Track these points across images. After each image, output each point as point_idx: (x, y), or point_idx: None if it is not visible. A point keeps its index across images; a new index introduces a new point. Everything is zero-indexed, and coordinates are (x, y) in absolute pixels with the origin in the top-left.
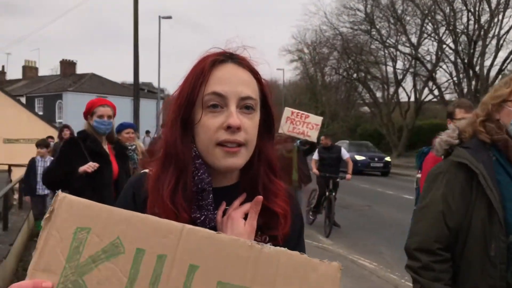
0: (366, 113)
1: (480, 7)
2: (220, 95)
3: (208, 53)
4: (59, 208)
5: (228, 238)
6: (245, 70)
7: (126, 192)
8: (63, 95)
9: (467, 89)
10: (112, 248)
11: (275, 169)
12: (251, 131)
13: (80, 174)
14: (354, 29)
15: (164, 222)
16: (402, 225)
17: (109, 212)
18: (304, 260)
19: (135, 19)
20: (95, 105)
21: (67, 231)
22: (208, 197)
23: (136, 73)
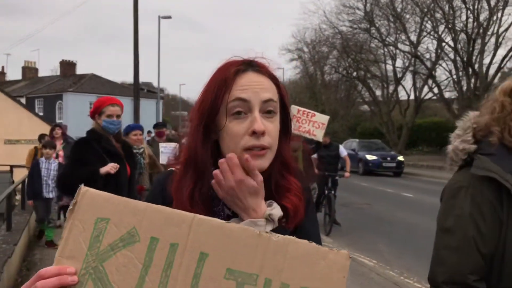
0: (366, 111)
1: (479, 5)
2: (244, 100)
3: (229, 62)
4: (81, 201)
5: (238, 227)
6: (265, 77)
7: (155, 187)
8: (63, 95)
9: (466, 87)
10: (129, 237)
11: (289, 166)
12: (274, 134)
13: (101, 175)
14: (354, 27)
15: (176, 212)
16: (401, 223)
17: (126, 203)
18: (312, 248)
19: (135, 19)
20: (104, 104)
21: (89, 222)
22: (219, 203)
23: (136, 73)
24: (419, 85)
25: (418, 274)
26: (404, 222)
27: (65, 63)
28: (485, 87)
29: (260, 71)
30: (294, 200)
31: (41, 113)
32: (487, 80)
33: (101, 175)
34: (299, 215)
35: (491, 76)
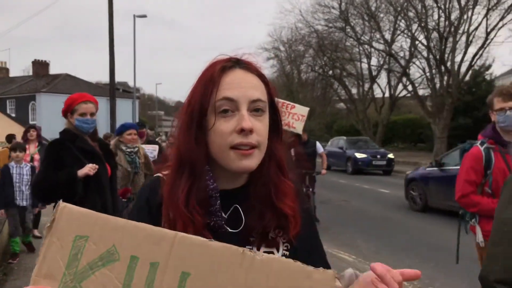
0: (342, 109)
1: (450, 5)
2: (231, 99)
3: (216, 60)
4: (59, 217)
5: (221, 245)
6: (253, 75)
7: (140, 197)
8: (37, 96)
9: (439, 84)
10: (108, 255)
11: (284, 168)
12: (263, 133)
13: (80, 178)
14: (329, 26)
15: (157, 229)
16: (378, 218)
17: (105, 220)
18: (297, 268)
19: (110, 18)
20: (76, 101)
21: (67, 239)
22: (215, 203)
23: (112, 73)
24: (394, 83)
25: (397, 268)
26: (381, 218)
27: (37, 63)
28: (457, 84)
29: (248, 69)
30: (292, 205)
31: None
32: (459, 78)
33: (80, 177)
34: (298, 222)
35: (462, 74)
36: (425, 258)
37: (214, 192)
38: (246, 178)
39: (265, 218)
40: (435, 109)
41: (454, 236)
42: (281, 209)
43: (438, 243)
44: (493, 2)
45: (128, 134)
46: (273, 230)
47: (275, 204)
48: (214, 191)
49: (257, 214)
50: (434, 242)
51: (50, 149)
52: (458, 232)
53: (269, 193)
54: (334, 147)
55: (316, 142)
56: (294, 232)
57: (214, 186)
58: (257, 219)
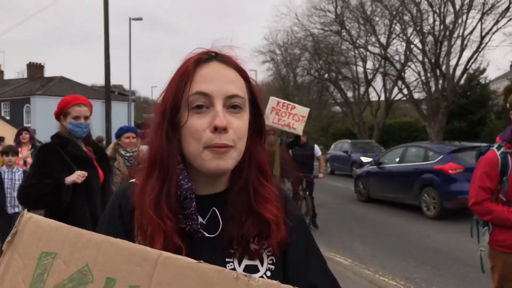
0: (338, 112)
1: (445, 9)
2: (205, 94)
3: (191, 53)
4: (23, 230)
5: (211, 268)
6: (230, 68)
7: (112, 203)
8: (31, 99)
9: (434, 88)
10: (80, 276)
11: (266, 172)
12: (240, 132)
13: (68, 185)
14: (325, 30)
15: (138, 248)
16: (374, 222)
17: (78, 235)
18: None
19: (105, 21)
20: (69, 104)
21: (31, 256)
22: (190, 205)
23: (108, 76)
24: (389, 86)
25: (393, 271)
26: (377, 221)
27: (32, 66)
28: (452, 88)
29: (225, 62)
30: (274, 211)
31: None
32: (454, 81)
33: (67, 185)
34: (281, 229)
35: (457, 77)
36: (421, 261)
37: (189, 193)
38: (227, 183)
39: (244, 225)
40: (430, 112)
41: (451, 240)
42: (261, 214)
43: (435, 247)
44: (487, 6)
45: (126, 137)
46: (254, 239)
47: (255, 209)
48: (188, 192)
49: (236, 221)
50: (430, 245)
51: (39, 154)
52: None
53: (249, 198)
54: (338, 151)
55: (314, 144)
56: (277, 240)
57: (189, 186)
58: (236, 226)
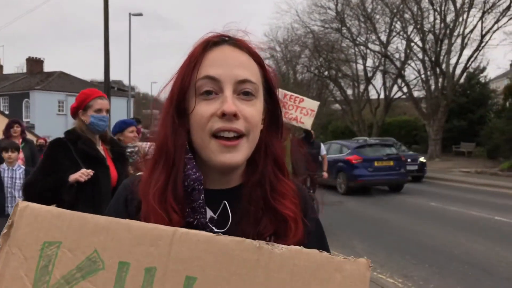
0: (337, 110)
1: (445, 7)
2: (213, 79)
3: (203, 36)
4: (19, 221)
5: (231, 239)
6: (243, 52)
7: (118, 196)
8: (30, 93)
9: (434, 86)
10: (89, 264)
11: (283, 166)
12: (252, 120)
13: (71, 184)
14: (325, 27)
15: (151, 227)
16: (373, 219)
17: (83, 220)
18: (324, 260)
19: (105, 16)
20: (91, 97)
21: (32, 248)
22: (199, 197)
23: (107, 72)
24: (389, 84)
25: (391, 269)
26: (376, 218)
27: (32, 60)
28: (452, 86)
29: (237, 45)
30: (292, 208)
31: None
32: (454, 80)
33: (71, 183)
34: (299, 227)
35: (457, 76)
36: (420, 260)
37: (197, 184)
38: (241, 178)
39: (260, 223)
40: (429, 110)
41: (450, 238)
42: (279, 211)
43: (433, 245)
44: (488, 5)
45: (130, 131)
46: (271, 238)
47: (272, 206)
48: (196, 182)
49: (252, 218)
50: (429, 243)
51: (49, 149)
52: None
53: (265, 193)
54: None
55: (320, 143)
56: (295, 239)
57: (197, 176)
58: (252, 223)
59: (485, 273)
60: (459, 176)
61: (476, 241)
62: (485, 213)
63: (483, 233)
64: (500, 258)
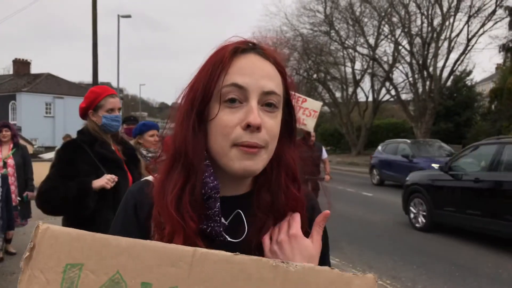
0: (326, 113)
1: (432, 11)
2: (240, 87)
3: (229, 41)
4: (41, 244)
5: (248, 259)
6: (269, 62)
7: (126, 203)
8: (17, 95)
9: (422, 89)
10: (112, 285)
11: (296, 177)
12: (273, 133)
13: (94, 190)
14: (314, 30)
15: (171, 247)
16: (361, 221)
17: (104, 242)
18: (336, 276)
19: (93, 18)
20: (102, 95)
21: (54, 270)
22: (214, 205)
23: (95, 73)
24: (377, 87)
25: (379, 270)
26: (364, 220)
27: (18, 62)
28: (439, 89)
29: (264, 55)
30: (302, 219)
31: None
32: (441, 83)
33: (95, 190)
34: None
35: (444, 79)
36: (407, 260)
37: (214, 192)
38: (250, 185)
39: (264, 227)
40: (417, 113)
41: (436, 239)
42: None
43: (421, 246)
44: (474, 9)
45: (151, 135)
46: None
47: (285, 214)
48: (213, 191)
49: (259, 226)
50: (416, 244)
51: (63, 152)
52: None
53: (276, 202)
54: (391, 155)
55: (322, 145)
56: None
57: (215, 184)
58: (259, 232)
59: (472, 273)
60: None
61: (462, 241)
62: None
63: (469, 234)
64: (486, 259)
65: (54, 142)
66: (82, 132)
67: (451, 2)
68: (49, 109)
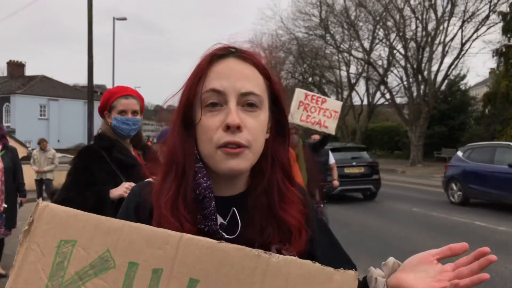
0: None
1: (427, 15)
2: (218, 91)
3: (209, 49)
4: (39, 219)
5: (232, 247)
6: (247, 65)
7: (128, 203)
8: (11, 97)
9: (416, 93)
10: (101, 262)
11: (290, 174)
12: (255, 132)
13: (112, 200)
14: (309, 34)
15: (160, 231)
16: (356, 225)
17: (97, 221)
18: (317, 270)
19: (89, 20)
20: (114, 96)
21: (49, 245)
22: (209, 204)
23: (91, 75)
24: (372, 91)
25: None
26: (358, 224)
27: (13, 64)
28: (433, 93)
29: (243, 58)
30: (298, 217)
31: None
32: (435, 87)
33: (112, 199)
34: (303, 236)
35: (438, 83)
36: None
37: (208, 192)
38: (246, 184)
39: (265, 231)
40: (412, 117)
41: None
42: (284, 220)
43: (416, 250)
44: (468, 14)
45: None
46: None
47: (278, 214)
48: (207, 191)
49: (257, 226)
50: (412, 248)
51: (79, 159)
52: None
53: (273, 201)
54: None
55: (328, 150)
56: (299, 249)
57: (208, 184)
58: (257, 232)
59: None
60: (441, 181)
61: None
62: (466, 218)
63: (464, 238)
64: None
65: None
66: (99, 137)
67: (445, 7)
68: (43, 112)
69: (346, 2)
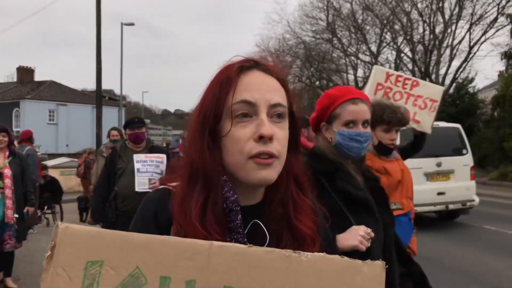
0: None
1: (434, 18)
2: (249, 103)
3: (231, 60)
4: (61, 242)
5: (262, 250)
6: (272, 77)
7: (145, 210)
8: (21, 103)
9: None
10: (132, 280)
11: (303, 184)
12: (283, 142)
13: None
14: (316, 38)
15: (188, 242)
16: None
17: (122, 239)
18: (346, 263)
19: (97, 25)
20: (339, 100)
21: (76, 268)
22: (236, 218)
23: (99, 81)
24: None
25: None
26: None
27: (22, 69)
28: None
29: (267, 71)
30: (310, 225)
31: None
32: (443, 90)
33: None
34: (316, 245)
35: (446, 86)
36: None
37: (235, 206)
38: (262, 195)
39: (282, 240)
40: None
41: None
42: (299, 229)
43: (424, 254)
44: (476, 17)
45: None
46: None
47: (294, 224)
48: (234, 204)
49: (274, 235)
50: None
51: None
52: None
53: (288, 212)
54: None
55: None
56: None
57: (235, 198)
58: (274, 241)
59: (474, 282)
60: None
61: (465, 250)
62: (474, 222)
63: (472, 242)
64: (489, 267)
65: (57, 149)
66: (315, 155)
67: (453, 9)
68: (52, 116)
69: (353, 6)
